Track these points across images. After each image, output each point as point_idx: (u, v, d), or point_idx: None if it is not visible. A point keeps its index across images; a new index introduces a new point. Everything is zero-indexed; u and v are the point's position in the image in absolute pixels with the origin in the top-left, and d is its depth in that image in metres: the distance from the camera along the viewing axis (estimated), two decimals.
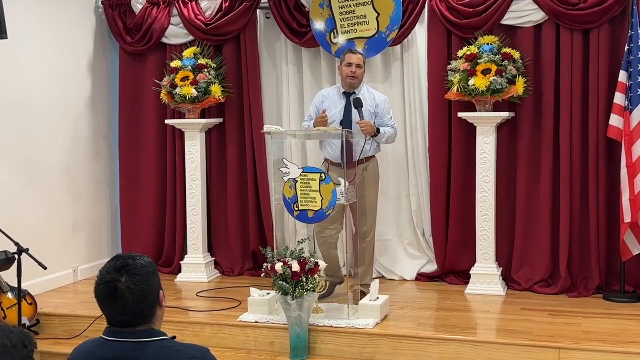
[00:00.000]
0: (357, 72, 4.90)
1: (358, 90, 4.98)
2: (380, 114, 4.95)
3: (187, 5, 5.93)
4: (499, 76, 4.95)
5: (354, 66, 4.89)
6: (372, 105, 4.94)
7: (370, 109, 4.92)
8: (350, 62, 4.90)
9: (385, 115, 4.97)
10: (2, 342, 1.79)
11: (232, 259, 6.05)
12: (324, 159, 5.07)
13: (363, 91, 4.99)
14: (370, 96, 4.98)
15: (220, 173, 6.07)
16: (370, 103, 4.94)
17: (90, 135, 6.10)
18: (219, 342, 4.52)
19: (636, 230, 4.85)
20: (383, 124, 4.93)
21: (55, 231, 5.67)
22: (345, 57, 4.95)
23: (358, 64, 4.90)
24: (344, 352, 4.33)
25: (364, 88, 5.03)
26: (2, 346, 1.78)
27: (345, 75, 4.93)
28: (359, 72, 4.92)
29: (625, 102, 4.82)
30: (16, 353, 1.79)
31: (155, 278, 2.14)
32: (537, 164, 5.28)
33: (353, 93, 4.95)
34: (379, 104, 4.96)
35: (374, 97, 4.99)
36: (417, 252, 5.78)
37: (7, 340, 1.80)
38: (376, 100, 4.97)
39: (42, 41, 5.57)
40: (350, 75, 4.90)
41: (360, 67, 4.93)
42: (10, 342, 1.80)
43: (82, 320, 4.81)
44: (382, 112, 4.95)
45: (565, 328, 4.36)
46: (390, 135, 4.93)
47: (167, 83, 5.72)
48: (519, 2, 5.17)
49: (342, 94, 4.99)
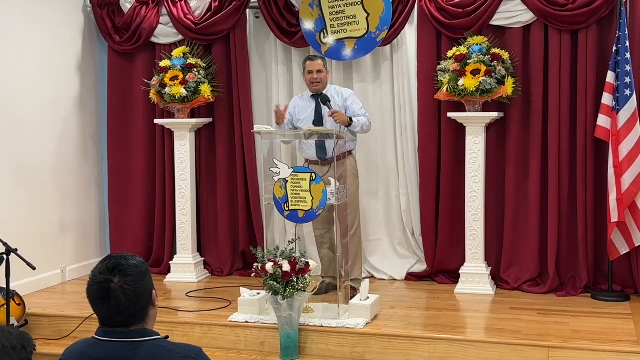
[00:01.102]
0: (318, 77, 5.04)
1: (325, 91, 5.09)
2: (350, 106, 5.05)
3: (176, 5, 5.91)
4: (488, 76, 4.97)
5: (315, 72, 5.04)
6: (341, 101, 5.06)
7: (339, 104, 5.02)
8: (310, 69, 5.05)
9: (355, 106, 5.07)
10: (2, 344, 1.78)
11: (222, 259, 6.04)
12: (304, 159, 5.16)
13: (330, 90, 5.12)
14: (338, 93, 5.11)
15: (210, 173, 6.06)
16: (338, 99, 5.06)
17: (78, 135, 6.07)
18: (208, 342, 4.51)
19: (623, 229, 4.89)
20: (355, 114, 5.00)
21: (43, 231, 5.64)
22: (305, 65, 5.10)
23: (318, 69, 5.04)
24: (334, 351, 4.34)
25: (330, 88, 5.15)
26: (1, 347, 1.78)
27: (309, 82, 5.08)
28: (321, 76, 5.05)
29: (613, 103, 4.86)
30: (15, 354, 1.79)
31: (148, 278, 2.14)
32: (525, 163, 5.31)
33: (321, 94, 5.04)
34: (347, 97, 5.09)
35: (342, 93, 5.12)
36: (406, 251, 5.79)
37: (6, 342, 1.79)
38: (344, 95, 5.10)
39: (30, 40, 5.54)
40: (313, 81, 5.05)
41: (321, 71, 5.06)
42: (10, 343, 1.80)
43: (70, 321, 4.79)
44: (351, 103, 5.07)
45: (554, 327, 4.39)
46: (364, 123, 4.99)
47: (156, 82, 5.71)
48: (507, 2, 5.20)
49: (310, 97, 5.13)
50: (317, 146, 4.98)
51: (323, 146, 4.95)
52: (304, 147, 5.09)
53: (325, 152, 4.94)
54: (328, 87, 5.14)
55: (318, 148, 4.98)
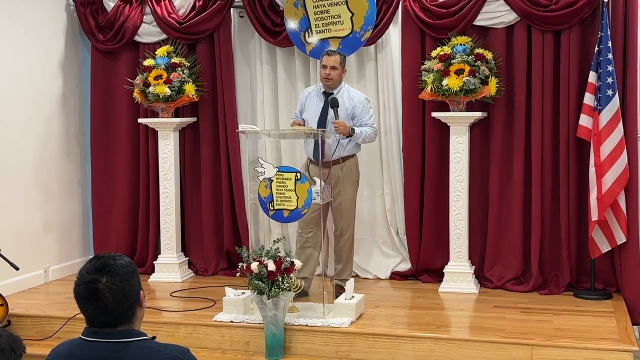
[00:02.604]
0: (331, 74, 4.93)
1: (337, 90, 5.00)
2: (359, 114, 4.97)
3: (160, 4, 5.89)
4: (472, 76, 5.00)
5: (329, 68, 4.93)
6: (350, 106, 4.97)
7: (347, 109, 4.95)
8: (325, 64, 4.95)
9: (365, 115, 4.99)
10: None
11: (206, 259, 6.03)
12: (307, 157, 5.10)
13: (343, 91, 5.02)
14: (350, 96, 5.01)
15: (194, 172, 6.04)
16: (347, 103, 4.97)
17: (61, 134, 6.03)
18: (194, 342, 4.49)
19: (605, 228, 4.94)
20: (362, 123, 4.96)
21: (25, 231, 5.60)
22: (322, 59, 4.99)
23: (333, 66, 4.93)
24: (319, 351, 4.34)
25: (344, 88, 5.05)
26: None
27: (321, 77, 5.00)
28: (334, 73, 4.94)
29: (595, 103, 4.90)
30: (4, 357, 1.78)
31: (136, 278, 2.14)
32: (509, 163, 5.34)
33: (332, 93, 4.98)
34: (357, 105, 4.98)
35: (353, 98, 5.01)
36: (391, 251, 5.81)
37: None
38: (354, 101, 4.99)
39: (13, 39, 5.49)
40: (324, 77, 4.96)
41: (336, 69, 4.94)
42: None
43: (54, 322, 4.76)
44: (360, 112, 4.98)
45: (538, 325, 4.42)
46: (368, 135, 4.95)
47: (140, 82, 5.68)
48: (491, 3, 5.23)
49: (321, 94, 5.04)
50: (314, 147, 4.90)
51: (319, 147, 4.81)
52: (306, 145, 5.04)
53: (319, 154, 4.81)
54: (342, 86, 5.03)
55: (315, 149, 4.89)
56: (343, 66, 5.01)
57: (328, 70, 4.93)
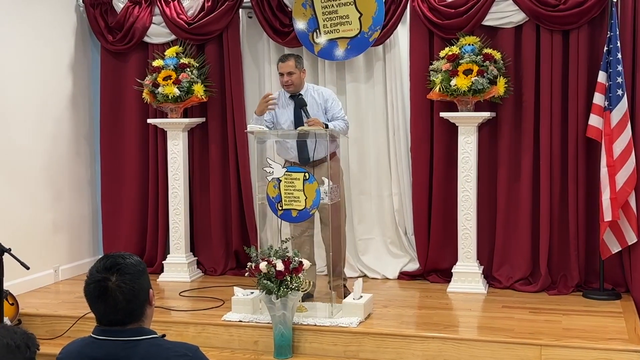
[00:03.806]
0: (289, 79, 4.93)
1: (303, 91, 5.02)
2: (330, 107, 4.99)
3: (169, 5, 5.92)
4: (480, 77, 5.00)
5: (285, 75, 4.93)
6: (322, 101, 4.99)
7: (320, 105, 4.96)
8: (280, 71, 4.96)
9: (335, 108, 5.01)
10: (6, 342, 1.79)
11: (215, 259, 6.04)
12: (285, 160, 5.03)
13: (309, 91, 5.03)
14: (318, 93, 5.03)
15: (203, 173, 6.06)
16: (319, 100, 4.99)
17: (71, 135, 6.06)
18: (202, 342, 4.51)
19: (616, 228, 4.92)
20: (334, 117, 4.97)
21: (36, 231, 5.63)
22: (278, 66, 5.00)
23: (289, 71, 4.92)
24: (328, 350, 4.35)
25: (309, 88, 5.06)
26: (5, 346, 1.78)
27: (281, 85, 5.01)
28: (292, 78, 4.93)
29: (605, 103, 4.89)
30: (19, 353, 1.80)
31: (145, 277, 2.15)
32: (517, 163, 5.33)
33: (299, 94, 4.99)
34: (328, 99, 5.01)
35: (322, 94, 5.03)
36: (399, 251, 5.81)
37: (10, 341, 1.80)
38: (324, 96, 5.02)
39: (23, 40, 5.53)
40: (284, 84, 4.97)
41: (292, 74, 4.92)
42: (14, 342, 1.80)
43: (64, 321, 4.78)
44: (331, 105, 5.00)
45: (546, 325, 4.42)
46: (341, 128, 4.93)
47: (149, 82, 5.71)
48: (500, 3, 5.22)
49: (288, 99, 5.03)
50: (298, 148, 4.89)
51: (304, 148, 4.86)
52: (285, 148, 4.98)
53: (308, 154, 4.85)
54: (306, 87, 5.04)
55: (300, 150, 4.89)
56: (300, 68, 5.00)
57: (286, 77, 4.92)
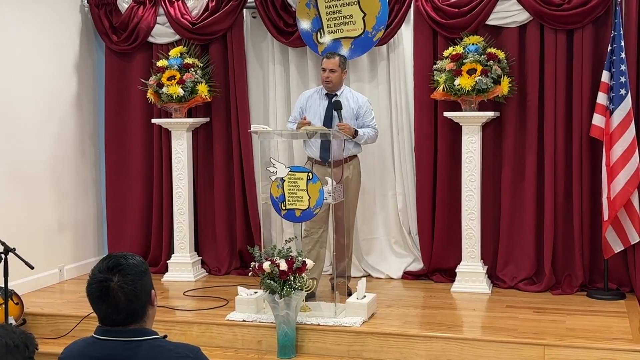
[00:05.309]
0: (330, 77, 4.96)
1: (339, 92, 5.04)
2: (363, 115, 5.03)
3: (174, 5, 5.93)
4: (484, 76, 4.99)
5: (327, 71, 4.97)
6: (355, 107, 5.02)
7: (353, 109, 5.00)
8: (324, 67, 4.99)
9: (367, 117, 5.05)
10: (5, 342, 1.80)
11: (219, 258, 6.06)
12: (307, 157, 5.14)
13: (345, 93, 5.06)
14: (353, 98, 5.06)
15: (207, 172, 6.07)
16: (353, 105, 5.02)
17: (76, 135, 6.08)
18: (206, 341, 4.52)
19: (619, 228, 4.92)
20: (365, 125, 5.01)
21: (41, 231, 5.65)
22: (322, 62, 5.04)
23: (331, 68, 4.96)
24: (331, 350, 4.36)
25: (346, 90, 5.09)
26: (4, 346, 1.79)
27: (321, 80, 5.04)
28: (333, 76, 4.96)
29: (608, 102, 4.88)
30: (18, 353, 1.80)
31: (147, 277, 2.15)
32: (521, 163, 5.33)
33: (335, 95, 5.00)
34: (362, 106, 5.04)
35: (357, 99, 5.06)
36: (403, 250, 5.82)
37: (9, 341, 1.81)
38: (359, 102, 5.04)
39: (28, 41, 5.55)
40: (324, 80, 5.00)
41: (334, 72, 4.96)
42: (13, 342, 1.81)
43: (69, 320, 4.80)
44: (364, 113, 5.03)
45: (550, 325, 4.41)
46: (370, 136, 5.02)
47: (153, 82, 5.72)
48: (504, 2, 5.22)
49: (324, 96, 5.06)
50: (321, 147, 4.95)
51: (327, 148, 4.87)
52: (309, 145, 5.06)
53: (329, 154, 4.84)
54: (343, 89, 5.07)
55: (322, 149, 4.95)
56: (343, 68, 5.03)
57: (327, 73, 4.96)
